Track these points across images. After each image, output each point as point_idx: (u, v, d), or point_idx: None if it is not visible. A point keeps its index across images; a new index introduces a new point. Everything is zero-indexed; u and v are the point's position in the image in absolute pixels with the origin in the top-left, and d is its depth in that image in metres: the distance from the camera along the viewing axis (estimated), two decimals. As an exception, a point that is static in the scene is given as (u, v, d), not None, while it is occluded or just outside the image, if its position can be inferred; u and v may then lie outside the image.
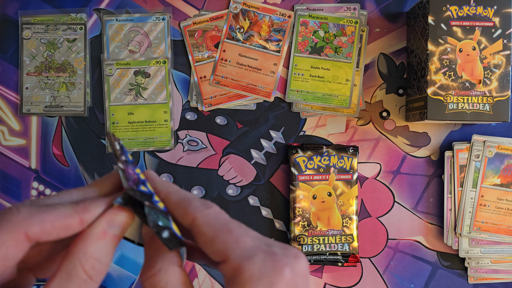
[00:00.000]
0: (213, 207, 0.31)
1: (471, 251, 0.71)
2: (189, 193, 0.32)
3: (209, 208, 0.30)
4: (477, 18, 0.63)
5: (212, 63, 0.73)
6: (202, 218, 0.29)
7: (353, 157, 0.71)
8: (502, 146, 0.70)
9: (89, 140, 0.74)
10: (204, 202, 0.31)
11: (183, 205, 0.30)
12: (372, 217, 0.73)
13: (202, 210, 0.30)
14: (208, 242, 0.29)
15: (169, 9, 0.73)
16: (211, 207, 0.30)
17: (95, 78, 0.74)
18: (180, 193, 0.31)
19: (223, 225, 0.29)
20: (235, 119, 0.74)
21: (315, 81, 0.73)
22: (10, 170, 0.74)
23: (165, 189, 0.32)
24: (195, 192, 0.74)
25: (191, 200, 0.30)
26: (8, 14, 0.73)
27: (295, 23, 0.73)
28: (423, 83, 0.65)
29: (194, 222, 0.30)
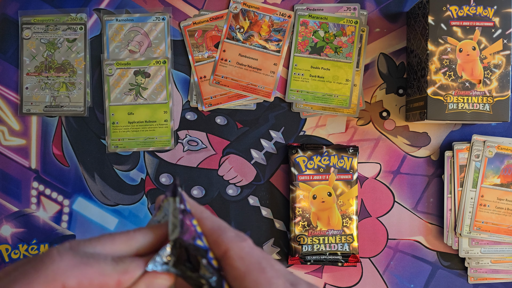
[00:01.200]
0: (248, 241, 0.29)
1: (471, 251, 0.71)
2: (223, 222, 0.30)
3: (243, 241, 0.29)
4: (477, 18, 0.63)
5: (212, 63, 0.73)
6: (236, 251, 0.28)
7: (353, 157, 0.71)
8: (502, 146, 0.70)
9: (89, 140, 0.74)
10: (239, 234, 0.30)
11: (217, 234, 0.29)
12: (372, 217, 0.73)
13: (236, 242, 0.29)
14: (238, 277, 0.28)
15: (169, 9, 0.73)
16: (245, 240, 0.29)
17: (95, 78, 0.74)
18: (214, 220, 0.30)
19: (257, 262, 0.28)
20: (235, 119, 0.74)
21: (315, 81, 0.73)
22: (10, 170, 0.74)
23: (199, 214, 0.30)
24: (195, 192, 0.74)
25: (226, 230, 0.29)
26: (8, 14, 0.73)
27: (295, 23, 0.73)
28: (423, 83, 0.65)
29: (226, 253, 0.28)
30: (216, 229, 0.29)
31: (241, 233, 0.30)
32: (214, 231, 0.29)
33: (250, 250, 0.29)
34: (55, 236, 0.74)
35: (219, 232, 0.29)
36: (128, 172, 0.74)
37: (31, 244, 0.74)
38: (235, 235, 0.29)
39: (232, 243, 0.29)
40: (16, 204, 0.74)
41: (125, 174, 0.74)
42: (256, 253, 0.29)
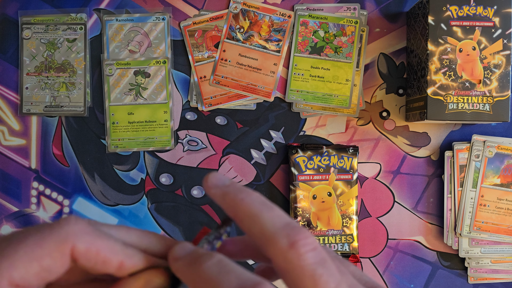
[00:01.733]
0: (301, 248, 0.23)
1: (471, 251, 0.71)
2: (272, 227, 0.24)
3: (291, 249, 0.23)
4: (477, 18, 0.63)
5: (212, 63, 0.73)
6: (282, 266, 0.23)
7: (353, 157, 0.71)
8: (502, 146, 0.70)
9: (89, 140, 0.74)
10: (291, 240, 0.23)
11: (265, 248, 0.24)
12: (372, 217, 0.73)
13: (283, 255, 0.23)
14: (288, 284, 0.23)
15: (169, 9, 0.73)
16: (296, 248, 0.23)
17: (95, 78, 0.74)
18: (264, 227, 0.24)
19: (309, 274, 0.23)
20: (235, 119, 0.74)
21: (315, 81, 0.73)
22: (10, 170, 0.74)
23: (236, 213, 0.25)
24: (195, 192, 0.74)
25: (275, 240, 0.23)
26: (8, 14, 0.73)
27: (295, 23, 0.73)
28: (423, 83, 0.65)
29: (273, 264, 0.24)
30: (264, 242, 0.24)
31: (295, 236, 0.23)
32: (261, 240, 0.24)
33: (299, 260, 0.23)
34: (55, 236, 0.74)
35: (267, 245, 0.24)
36: (128, 172, 0.74)
37: (31, 244, 0.74)
38: (287, 242, 0.23)
39: (278, 255, 0.23)
40: (16, 204, 0.74)
41: (125, 174, 0.74)
42: (309, 261, 0.23)
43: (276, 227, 0.24)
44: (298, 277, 0.23)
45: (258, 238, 0.24)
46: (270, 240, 0.23)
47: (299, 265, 0.23)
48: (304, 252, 0.23)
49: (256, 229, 0.24)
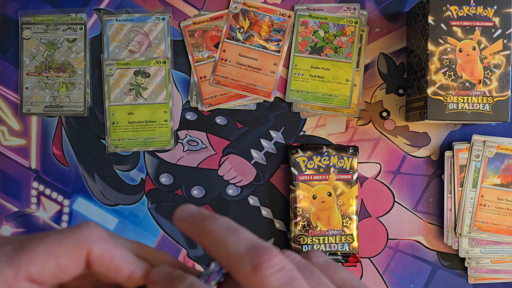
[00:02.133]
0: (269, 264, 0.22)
1: (471, 251, 0.71)
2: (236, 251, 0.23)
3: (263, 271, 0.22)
4: (477, 18, 0.63)
5: (212, 63, 0.73)
6: None
7: (353, 157, 0.71)
8: (502, 146, 0.70)
9: (89, 140, 0.74)
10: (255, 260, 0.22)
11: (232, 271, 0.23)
12: (372, 217, 0.73)
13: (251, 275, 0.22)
14: None
15: (169, 9, 0.73)
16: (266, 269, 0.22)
17: (95, 78, 0.74)
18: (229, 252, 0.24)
19: None
20: (235, 119, 0.74)
21: (315, 81, 0.73)
22: (10, 170, 0.74)
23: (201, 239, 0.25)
24: (195, 192, 0.74)
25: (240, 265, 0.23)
26: (8, 14, 0.73)
27: (295, 23, 0.73)
28: (423, 83, 0.65)
29: None
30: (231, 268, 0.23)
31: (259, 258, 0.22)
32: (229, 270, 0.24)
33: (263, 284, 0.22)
34: (55, 236, 0.74)
35: (233, 271, 0.23)
36: (128, 172, 0.74)
37: (31, 244, 0.74)
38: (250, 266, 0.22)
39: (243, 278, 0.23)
40: (16, 204, 0.74)
41: (125, 174, 0.74)
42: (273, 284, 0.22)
43: (240, 251, 0.23)
44: None
45: (225, 265, 0.23)
46: (235, 265, 0.23)
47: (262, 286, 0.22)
48: (269, 274, 0.22)
49: (222, 255, 0.23)
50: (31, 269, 0.23)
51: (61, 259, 0.24)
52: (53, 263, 0.24)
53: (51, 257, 0.24)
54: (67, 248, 0.24)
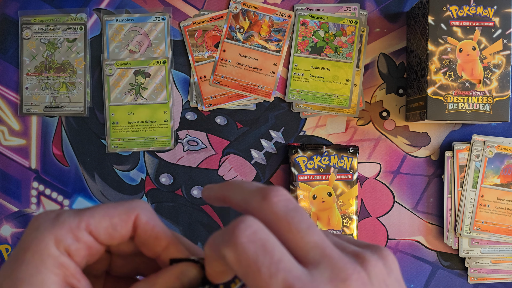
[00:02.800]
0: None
1: (471, 251, 0.71)
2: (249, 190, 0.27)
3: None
4: (477, 18, 0.63)
5: (212, 63, 0.73)
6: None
7: (353, 157, 0.71)
8: (502, 146, 0.70)
9: (89, 140, 0.74)
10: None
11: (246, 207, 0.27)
12: (372, 217, 0.73)
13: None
14: None
15: (169, 9, 0.73)
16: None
17: (95, 78, 0.74)
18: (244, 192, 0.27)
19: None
20: (235, 119, 0.74)
21: (315, 81, 0.73)
22: (10, 170, 0.74)
23: None
24: (195, 192, 0.74)
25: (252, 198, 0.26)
26: (8, 14, 0.73)
27: (295, 23, 0.73)
28: (423, 83, 0.65)
29: None
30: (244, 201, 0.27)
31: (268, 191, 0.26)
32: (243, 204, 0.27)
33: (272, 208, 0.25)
34: (55, 236, 0.74)
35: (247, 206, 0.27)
36: (128, 172, 0.74)
37: (31, 244, 0.74)
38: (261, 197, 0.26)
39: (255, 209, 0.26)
40: (16, 204, 0.74)
41: (125, 174, 0.74)
42: (280, 208, 0.25)
43: (252, 189, 0.27)
44: (274, 223, 0.25)
45: (241, 204, 0.27)
46: (249, 200, 0.26)
47: (273, 212, 0.25)
48: (277, 201, 0.25)
49: (239, 197, 0.27)
50: (91, 221, 0.27)
51: (114, 219, 0.28)
52: (108, 221, 0.28)
53: (107, 216, 0.28)
54: (120, 211, 0.28)
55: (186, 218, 0.74)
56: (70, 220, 0.27)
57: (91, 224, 0.27)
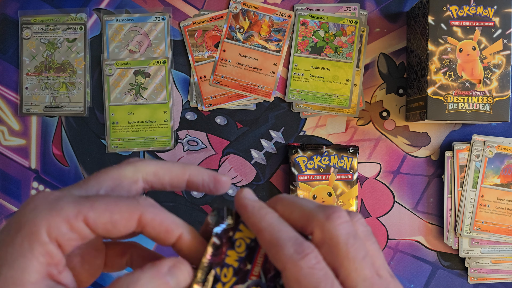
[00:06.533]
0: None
1: (471, 251, 0.71)
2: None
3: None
4: (477, 18, 0.63)
5: (212, 63, 0.73)
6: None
7: (353, 157, 0.71)
8: (502, 146, 0.70)
9: (89, 140, 0.74)
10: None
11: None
12: (372, 217, 0.73)
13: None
14: None
15: (169, 9, 0.73)
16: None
17: (95, 78, 0.74)
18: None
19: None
20: (235, 119, 0.74)
21: (315, 81, 0.73)
22: (10, 170, 0.74)
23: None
24: (195, 192, 0.74)
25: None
26: (8, 14, 0.73)
27: (295, 23, 0.73)
28: (423, 83, 0.65)
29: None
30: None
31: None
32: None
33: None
34: (55, 236, 0.74)
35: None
36: (128, 172, 0.74)
37: (31, 244, 0.74)
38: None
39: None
40: (16, 204, 0.74)
41: (125, 174, 0.74)
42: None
43: (311, 207, 0.28)
44: (334, 246, 0.26)
45: (300, 219, 0.28)
46: (310, 217, 0.28)
47: (335, 234, 0.27)
48: (340, 223, 0.27)
49: (296, 214, 0.28)
50: (89, 214, 0.26)
51: (115, 215, 0.27)
52: (108, 217, 0.27)
53: (107, 211, 0.27)
54: (122, 208, 0.27)
55: (186, 218, 0.74)
56: (69, 208, 0.26)
57: (90, 217, 0.27)
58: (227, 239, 0.29)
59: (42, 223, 0.25)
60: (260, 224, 0.28)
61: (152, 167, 0.31)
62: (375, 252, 0.28)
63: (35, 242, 0.25)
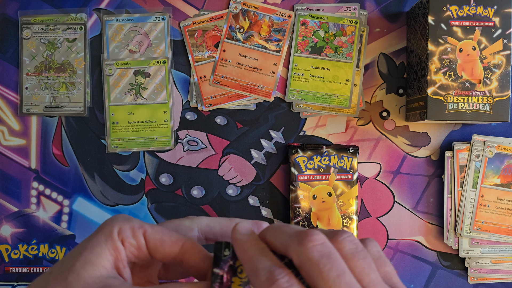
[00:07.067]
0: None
1: (471, 251, 0.71)
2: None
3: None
4: (477, 18, 0.63)
5: (212, 63, 0.73)
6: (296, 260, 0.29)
7: (353, 157, 0.71)
8: (502, 146, 0.70)
9: (89, 140, 0.74)
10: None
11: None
12: (372, 217, 0.73)
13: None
14: None
15: (169, 9, 0.73)
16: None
17: (95, 78, 0.74)
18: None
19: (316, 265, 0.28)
20: (235, 119, 0.74)
21: (315, 81, 0.73)
22: (10, 170, 0.74)
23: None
24: (195, 192, 0.74)
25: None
26: (8, 14, 0.73)
27: (295, 23, 0.73)
28: (423, 83, 0.65)
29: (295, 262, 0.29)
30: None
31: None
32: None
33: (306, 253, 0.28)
34: (55, 236, 0.74)
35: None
36: (128, 172, 0.74)
37: (31, 244, 0.74)
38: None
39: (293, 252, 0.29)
40: (16, 204, 0.74)
41: (125, 174, 0.74)
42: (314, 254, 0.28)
43: (290, 232, 0.30)
44: (308, 268, 0.28)
45: (281, 246, 0.30)
46: (288, 243, 0.29)
47: (307, 257, 0.28)
48: (311, 246, 0.28)
49: (278, 240, 0.31)
50: (148, 230, 0.34)
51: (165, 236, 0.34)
52: (160, 236, 0.34)
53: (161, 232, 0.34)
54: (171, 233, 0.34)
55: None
56: (136, 222, 0.34)
57: (148, 231, 0.34)
58: (229, 268, 0.32)
59: (116, 226, 0.33)
60: (243, 255, 0.31)
61: (205, 220, 0.38)
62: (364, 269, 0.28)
63: (109, 238, 0.33)
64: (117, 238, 0.33)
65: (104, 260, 0.32)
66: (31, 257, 0.74)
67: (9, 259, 0.74)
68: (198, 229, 0.37)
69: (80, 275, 0.31)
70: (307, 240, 0.28)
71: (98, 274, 0.32)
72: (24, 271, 0.74)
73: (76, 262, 0.32)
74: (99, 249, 0.32)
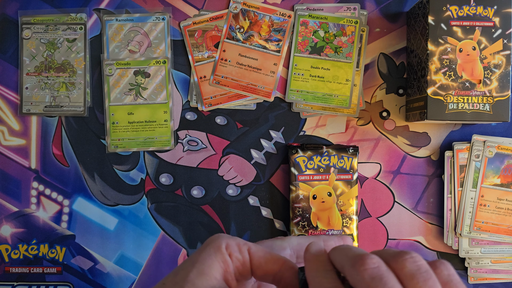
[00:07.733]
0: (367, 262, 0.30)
1: (471, 251, 0.71)
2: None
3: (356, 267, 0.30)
4: (477, 18, 0.63)
5: (212, 63, 0.73)
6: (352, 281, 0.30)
7: (353, 157, 0.71)
8: (502, 146, 0.70)
9: (89, 140, 0.74)
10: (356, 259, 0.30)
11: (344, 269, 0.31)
12: (372, 217, 0.73)
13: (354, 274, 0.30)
14: None
15: (169, 9, 0.73)
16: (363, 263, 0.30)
17: (95, 78, 0.74)
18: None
19: None
20: (235, 119, 0.74)
21: (315, 81, 0.73)
22: (10, 170, 0.74)
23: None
24: (195, 192, 0.74)
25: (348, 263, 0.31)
26: (8, 14, 0.73)
27: (295, 23, 0.73)
28: (423, 83, 0.65)
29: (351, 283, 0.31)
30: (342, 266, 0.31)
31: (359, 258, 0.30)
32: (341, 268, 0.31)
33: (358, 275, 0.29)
34: (55, 236, 0.74)
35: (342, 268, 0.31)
36: (128, 172, 0.74)
37: (31, 244, 0.74)
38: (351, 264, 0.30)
39: (347, 274, 0.30)
40: (16, 204, 0.74)
41: (125, 174, 0.74)
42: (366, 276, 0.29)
43: (349, 255, 0.31)
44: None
45: (340, 267, 0.32)
46: (344, 265, 0.31)
47: (359, 280, 0.29)
48: (363, 270, 0.29)
49: (338, 261, 0.32)
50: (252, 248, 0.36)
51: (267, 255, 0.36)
52: (263, 254, 0.36)
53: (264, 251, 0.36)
54: (273, 253, 0.36)
55: (186, 218, 0.74)
56: (241, 240, 0.36)
57: (252, 248, 0.36)
58: None
59: (223, 241, 0.36)
60: (309, 275, 0.33)
61: (296, 239, 0.40)
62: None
63: (218, 251, 0.35)
64: (225, 251, 0.35)
65: (215, 271, 0.34)
66: (31, 257, 0.74)
67: (9, 259, 0.74)
68: (290, 247, 0.39)
69: (195, 284, 0.33)
70: (359, 263, 0.29)
71: (211, 284, 0.33)
72: (24, 271, 0.74)
73: (190, 273, 0.33)
74: (209, 261, 0.34)
